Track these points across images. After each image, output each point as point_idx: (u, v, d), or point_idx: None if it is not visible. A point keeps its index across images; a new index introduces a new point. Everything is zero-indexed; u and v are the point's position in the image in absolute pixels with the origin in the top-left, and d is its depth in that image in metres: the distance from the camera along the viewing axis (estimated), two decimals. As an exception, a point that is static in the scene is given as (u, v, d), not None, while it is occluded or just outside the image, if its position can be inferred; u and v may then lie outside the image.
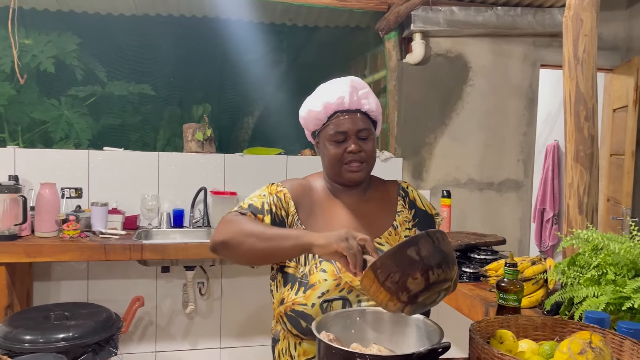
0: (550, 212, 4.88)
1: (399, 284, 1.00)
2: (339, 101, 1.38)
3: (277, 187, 1.43)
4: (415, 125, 3.58)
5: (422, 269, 1.00)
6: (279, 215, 1.38)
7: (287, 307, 1.33)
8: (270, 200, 1.39)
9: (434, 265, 1.01)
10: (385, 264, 1.01)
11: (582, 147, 2.01)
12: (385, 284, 1.01)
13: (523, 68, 3.71)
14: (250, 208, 1.37)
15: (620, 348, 1.10)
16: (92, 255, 2.64)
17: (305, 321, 1.30)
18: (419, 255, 1.01)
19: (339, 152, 1.39)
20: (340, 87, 1.40)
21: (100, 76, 4.22)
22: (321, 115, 1.41)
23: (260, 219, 1.35)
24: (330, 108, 1.39)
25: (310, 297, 1.31)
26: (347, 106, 1.39)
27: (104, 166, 3.13)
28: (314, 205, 1.44)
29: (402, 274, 1.00)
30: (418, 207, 1.51)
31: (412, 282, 1.00)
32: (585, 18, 1.98)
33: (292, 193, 1.42)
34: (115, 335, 2.51)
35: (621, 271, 1.39)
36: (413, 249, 1.01)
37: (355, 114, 1.40)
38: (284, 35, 4.95)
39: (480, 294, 1.91)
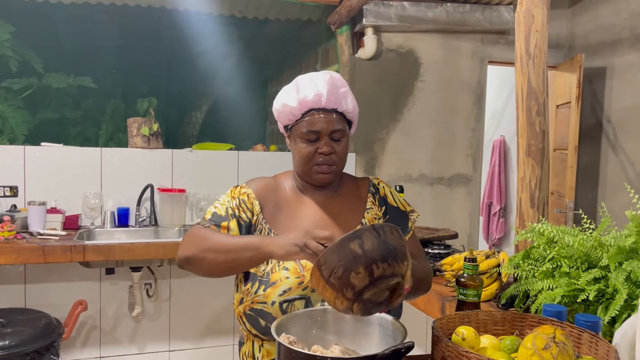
0: (497, 206, 5.02)
1: (342, 279, 0.96)
2: (316, 99, 1.32)
3: (241, 189, 1.40)
4: (367, 121, 3.57)
5: (366, 263, 0.96)
6: (244, 218, 1.35)
7: (246, 306, 1.29)
8: (233, 204, 1.36)
9: (378, 259, 0.97)
10: (328, 260, 0.98)
11: (534, 142, 2.04)
12: (330, 280, 0.97)
13: (472, 64, 3.78)
14: (213, 218, 1.35)
15: (579, 341, 1.10)
16: (30, 258, 2.48)
17: (265, 320, 1.27)
18: (361, 249, 0.97)
19: (310, 151, 1.33)
20: (320, 84, 1.33)
21: (37, 67, 3.99)
22: (296, 111, 1.34)
23: (225, 226, 1.33)
24: (306, 105, 1.33)
25: (271, 295, 1.27)
26: (324, 105, 1.33)
27: (41, 163, 2.95)
28: (280, 203, 1.40)
29: (344, 269, 0.96)
30: (389, 203, 1.47)
31: (355, 277, 0.96)
32: (537, 14, 2.00)
33: (257, 192, 1.39)
34: (56, 342, 2.37)
35: (575, 264, 1.41)
36: (356, 242, 0.97)
37: (331, 114, 1.34)
38: (234, 28, 4.84)
39: (436, 289, 1.90)
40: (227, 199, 1.38)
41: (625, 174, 3.52)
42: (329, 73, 1.37)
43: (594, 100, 3.76)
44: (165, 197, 3.11)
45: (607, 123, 3.67)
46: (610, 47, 3.63)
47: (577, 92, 3.53)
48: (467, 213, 3.85)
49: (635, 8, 3.45)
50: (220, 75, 4.97)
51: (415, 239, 1.50)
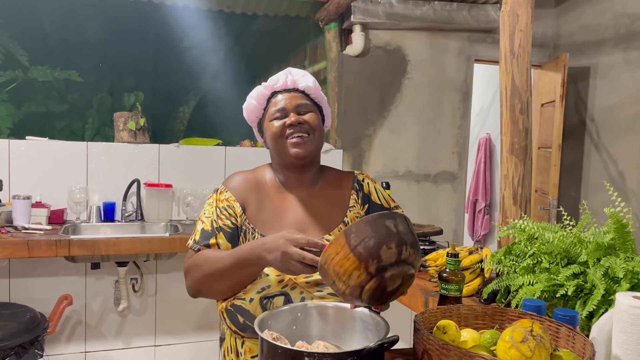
0: (482, 203, 5.07)
1: (372, 249, 0.97)
2: (272, 83, 1.40)
3: (221, 195, 1.40)
4: (355, 117, 3.59)
5: (398, 242, 0.99)
6: (229, 226, 1.35)
7: (228, 302, 1.30)
8: (216, 216, 1.36)
9: (407, 243, 1.01)
10: (361, 229, 0.99)
11: (517, 140, 2.07)
12: (357, 249, 0.98)
13: (458, 62, 3.81)
14: (202, 238, 1.35)
15: (557, 334, 1.13)
16: (14, 252, 2.46)
17: (243, 317, 1.28)
18: (396, 229, 1.00)
19: (279, 126, 1.36)
20: (278, 74, 1.42)
21: (22, 60, 3.95)
22: (260, 100, 1.42)
23: (214, 243, 1.33)
24: (268, 90, 1.41)
25: (249, 292, 1.28)
26: (282, 86, 1.40)
27: (26, 157, 2.93)
28: (262, 199, 1.40)
29: (377, 240, 0.98)
30: (373, 201, 1.46)
31: (386, 251, 0.98)
32: (521, 13, 2.03)
33: (237, 193, 1.39)
34: (41, 336, 2.36)
35: (555, 259, 1.44)
36: (391, 221, 1.00)
37: (293, 92, 1.40)
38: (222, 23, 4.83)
39: (420, 284, 1.93)
40: (210, 210, 1.38)
41: (608, 172, 3.58)
42: (287, 69, 1.45)
43: (578, 99, 3.81)
44: (151, 192, 3.10)
45: (591, 122, 3.73)
46: (595, 46, 3.68)
47: (562, 91, 3.58)
48: (453, 210, 3.89)
49: (619, 8, 3.50)
50: (208, 70, 4.96)
51: None
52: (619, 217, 1.35)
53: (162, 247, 2.66)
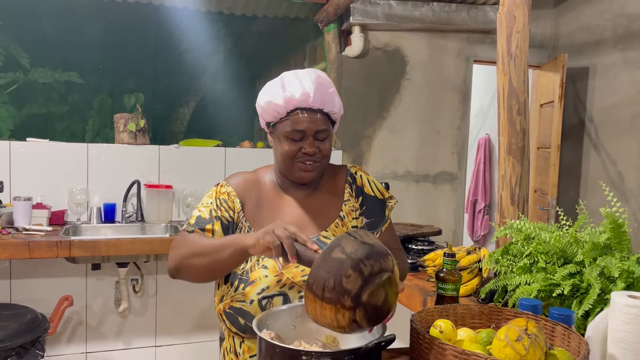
0: (482, 203, 5.08)
1: (336, 289, 0.95)
2: (302, 98, 1.29)
3: (221, 188, 1.40)
4: (354, 118, 3.61)
5: (353, 265, 0.96)
6: (227, 217, 1.35)
7: (226, 304, 1.31)
8: (215, 205, 1.36)
9: (363, 258, 0.97)
10: (316, 277, 0.97)
11: (515, 140, 2.08)
12: (325, 295, 0.96)
13: (457, 63, 3.82)
14: (197, 222, 1.34)
15: (552, 333, 1.14)
16: (15, 253, 2.47)
17: (244, 318, 1.28)
18: (344, 254, 0.97)
19: (293, 150, 1.32)
20: (307, 83, 1.30)
21: (23, 62, 3.97)
22: (281, 109, 1.32)
23: (210, 229, 1.32)
24: (292, 103, 1.30)
25: (249, 294, 1.28)
26: (311, 104, 1.30)
27: (27, 158, 2.94)
28: (261, 199, 1.40)
29: (335, 277, 0.95)
30: (366, 193, 1.45)
31: (348, 281, 0.95)
32: (518, 15, 2.04)
33: (237, 190, 1.39)
34: (42, 337, 2.37)
35: (551, 259, 1.45)
36: (337, 249, 0.97)
37: (317, 114, 1.31)
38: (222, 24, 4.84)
39: (419, 284, 1.94)
40: (209, 201, 1.38)
41: (607, 173, 3.59)
42: (316, 71, 1.34)
43: (577, 100, 3.82)
44: (152, 193, 3.12)
45: (590, 122, 3.74)
46: (593, 47, 3.69)
47: (560, 92, 3.59)
48: (452, 210, 3.90)
49: (617, 9, 3.51)
50: (208, 71, 4.97)
51: (392, 229, 1.50)
52: (614, 217, 1.36)
53: (163, 248, 2.67)
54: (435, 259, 2.04)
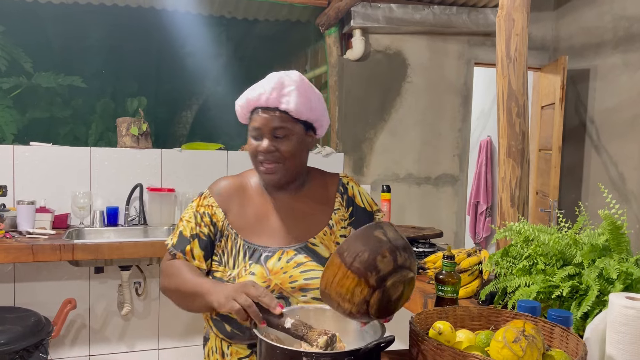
0: (484, 205, 5.08)
1: (368, 262, 0.98)
2: (257, 97, 1.33)
3: (204, 200, 1.41)
4: (356, 121, 3.62)
5: (390, 249, 0.99)
6: (205, 233, 1.37)
7: (212, 311, 1.31)
8: (195, 221, 1.38)
9: (400, 248, 1.01)
10: (352, 245, 0.99)
11: (514, 143, 2.09)
12: (354, 265, 0.98)
13: (458, 66, 3.83)
14: (179, 242, 1.37)
15: (550, 335, 1.15)
16: (19, 257, 2.49)
17: (230, 325, 1.29)
18: (386, 237, 1.00)
19: (253, 148, 1.35)
20: (268, 83, 1.33)
21: (26, 67, 4.00)
22: (245, 110, 1.37)
23: (189, 251, 1.36)
24: (251, 104, 1.34)
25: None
26: (264, 103, 1.32)
27: (30, 162, 2.96)
28: (245, 204, 1.40)
29: (371, 252, 0.98)
30: (357, 204, 1.46)
31: (382, 260, 0.98)
32: (517, 18, 2.05)
33: (220, 198, 1.39)
34: (45, 340, 2.39)
35: (550, 261, 1.46)
36: (380, 231, 1.01)
37: (273, 112, 1.32)
38: (223, 28, 4.87)
39: (419, 286, 1.95)
40: (191, 214, 1.39)
41: (608, 174, 3.60)
42: (285, 72, 1.36)
43: (578, 102, 3.83)
44: (154, 196, 3.13)
45: (591, 124, 3.74)
46: (594, 49, 3.70)
47: (561, 94, 3.59)
48: (454, 212, 3.91)
49: (617, 11, 3.52)
50: (210, 75, 5.00)
51: None
52: (613, 218, 1.37)
53: (165, 251, 2.68)
54: (435, 261, 2.04)
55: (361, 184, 3.71)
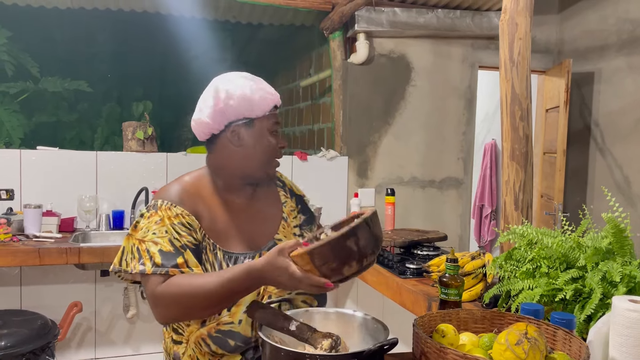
0: (489, 209, 5.08)
1: (335, 270, 1.04)
2: (274, 95, 1.37)
3: (170, 211, 1.28)
4: (360, 124, 3.63)
5: (359, 258, 1.05)
6: (192, 242, 1.27)
7: (210, 328, 1.26)
8: (173, 236, 1.24)
9: (368, 253, 1.06)
10: (323, 253, 1.03)
11: (518, 146, 2.09)
12: (321, 268, 1.04)
13: (462, 69, 3.83)
14: (165, 259, 1.21)
15: (553, 337, 1.15)
16: (26, 260, 2.51)
17: (233, 339, 1.26)
18: (357, 246, 1.03)
19: (275, 144, 1.36)
20: (265, 85, 1.37)
21: (33, 72, 4.03)
22: (270, 104, 1.34)
23: (182, 263, 1.22)
24: (273, 101, 1.35)
25: (236, 314, 1.26)
26: (279, 102, 1.40)
27: (37, 166, 2.99)
28: (211, 210, 1.34)
29: (339, 263, 1.03)
30: (295, 193, 1.54)
31: (348, 269, 1.05)
32: (520, 22, 2.06)
33: (189, 208, 1.30)
34: (52, 342, 2.41)
35: (554, 264, 1.46)
36: (353, 239, 1.03)
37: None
38: (228, 33, 4.89)
39: (424, 289, 1.95)
40: (162, 229, 1.25)
41: (613, 177, 3.59)
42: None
43: (582, 105, 3.82)
44: (159, 200, 3.15)
45: (595, 127, 3.74)
46: (598, 52, 3.70)
47: (566, 97, 3.59)
48: (458, 216, 3.90)
49: (621, 14, 3.52)
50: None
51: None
52: (616, 222, 1.37)
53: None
54: (439, 265, 2.05)
55: (365, 187, 3.73)
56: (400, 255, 2.39)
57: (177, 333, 1.33)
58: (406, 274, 2.15)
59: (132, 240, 1.27)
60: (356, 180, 3.63)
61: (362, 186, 3.64)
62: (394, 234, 2.59)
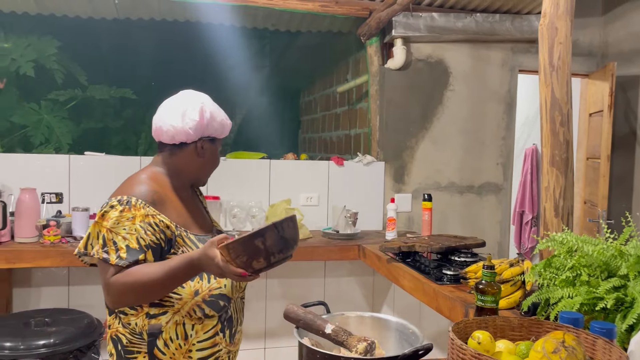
0: (529, 215, 4.97)
1: (246, 263, 1.24)
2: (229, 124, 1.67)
3: (142, 210, 1.43)
4: (396, 130, 3.63)
5: (265, 255, 1.24)
6: (155, 242, 1.42)
7: (204, 295, 1.46)
8: (141, 234, 1.40)
9: (275, 252, 1.25)
10: (235, 248, 1.23)
11: (558, 152, 2.06)
12: (235, 260, 1.24)
13: (502, 73, 3.78)
14: (130, 255, 1.38)
15: (593, 347, 1.14)
16: (73, 261, 2.61)
17: (222, 300, 1.49)
18: (264, 245, 1.23)
19: (219, 160, 1.67)
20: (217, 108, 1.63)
21: (81, 80, 4.19)
22: (227, 131, 1.64)
23: (142, 260, 1.39)
24: (230, 127, 1.66)
25: (221, 281, 1.49)
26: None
27: (85, 171, 3.11)
28: (175, 205, 1.54)
29: (248, 257, 1.23)
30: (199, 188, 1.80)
31: (257, 263, 1.24)
32: (560, 26, 2.03)
33: (160, 208, 1.48)
34: (97, 341, 2.49)
35: (595, 272, 1.44)
36: (260, 239, 1.23)
37: None
38: (266, 40, 4.98)
39: (461, 296, 1.94)
40: (133, 227, 1.40)
41: (661, 183, 3.46)
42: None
43: (628, 109, 3.71)
44: (200, 204, 3.23)
45: (642, 131, 3.62)
46: (645, 54, 3.58)
47: (610, 101, 3.49)
48: (497, 222, 3.84)
49: (670, 15, 3.41)
50: (253, 86, 5.10)
51: None
52: (660, 230, 1.34)
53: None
54: (477, 271, 2.03)
55: (402, 193, 3.72)
56: (437, 261, 2.38)
57: (150, 309, 1.47)
58: (443, 280, 2.14)
59: (99, 227, 1.42)
60: (393, 186, 3.63)
61: (398, 191, 3.63)
62: (431, 240, 2.58)
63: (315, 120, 5.20)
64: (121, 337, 1.50)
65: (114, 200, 1.43)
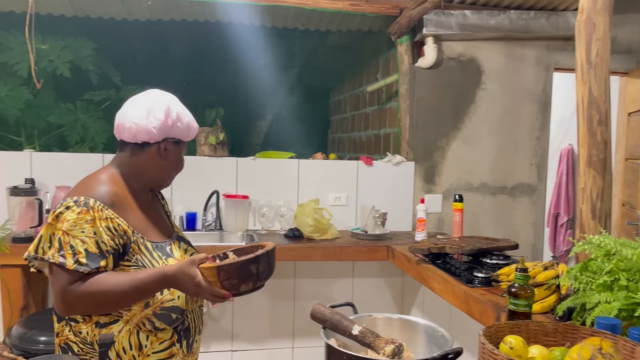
0: (565, 217, 4.84)
1: (234, 286, 1.30)
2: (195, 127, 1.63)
3: (101, 213, 1.36)
4: (427, 129, 3.58)
5: (255, 280, 1.32)
6: (114, 247, 1.36)
7: (155, 308, 1.39)
8: (102, 238, 1.34)
9: (262, 278, 1.34)
10: (230, 270, 1.28)
11: (595, 152, 1.99)
12: (224, 282, 1.29)
13: (536, 72, 3.69)
14: (90, 260, 1.31)
15: (632, 355, 1.09)
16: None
17: (175, 312, 1.42)
18: (257, 271, 1.31)
19: (183, 164, 1.64)
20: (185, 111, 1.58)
21: (115, 80, 4.28)
22: (193, 134, 1.60)
23: (104, 265, 1.32)
24: (196, 131, 1.64)
25: (174, 291, 1.42)
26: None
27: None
28: (134, 209, 1.48)
29: (239, 281, 1.30)
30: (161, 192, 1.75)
31: (245, 287, 1.32)
32: (598, 22, 1.96)
33: (119, 211, 1.41)
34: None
35: (634, 277, 1.38)
36: (254, 265, 1.30)
37: None
38: (296, 40, 4.98)
39: (492, 299, 1.90)
40: (91, 230, 1.33)
41: None
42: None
43: (670, 108, 3.57)
44: (229, 202, 3.26)
45: (685, 131, 3.48)
46: (688, 51, 3.44)
47: (650, 99, 3.37)
48: (531, 224, 3.75)
49: None
50: (283, 86, 5.12)
51: None
52: None
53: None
54: (509, 274, 1.98)
55: (432, 193, 3.67)
56: (468, 263, 2.33)
57: (103, 317, 1.39)
58: (474, 282, 2.09)
59: (53, 229, 1.33)
60: (423, 186, 3.58)
61: (428, 192, 3.58)
62: (461, 242, 2.53)
63: (345, 119, 5.18)
64: (72, 345, 1.40)
65: (70, 201, 1.35)
